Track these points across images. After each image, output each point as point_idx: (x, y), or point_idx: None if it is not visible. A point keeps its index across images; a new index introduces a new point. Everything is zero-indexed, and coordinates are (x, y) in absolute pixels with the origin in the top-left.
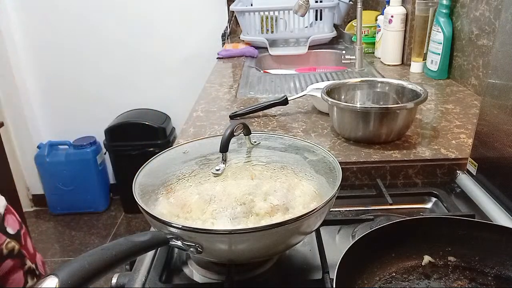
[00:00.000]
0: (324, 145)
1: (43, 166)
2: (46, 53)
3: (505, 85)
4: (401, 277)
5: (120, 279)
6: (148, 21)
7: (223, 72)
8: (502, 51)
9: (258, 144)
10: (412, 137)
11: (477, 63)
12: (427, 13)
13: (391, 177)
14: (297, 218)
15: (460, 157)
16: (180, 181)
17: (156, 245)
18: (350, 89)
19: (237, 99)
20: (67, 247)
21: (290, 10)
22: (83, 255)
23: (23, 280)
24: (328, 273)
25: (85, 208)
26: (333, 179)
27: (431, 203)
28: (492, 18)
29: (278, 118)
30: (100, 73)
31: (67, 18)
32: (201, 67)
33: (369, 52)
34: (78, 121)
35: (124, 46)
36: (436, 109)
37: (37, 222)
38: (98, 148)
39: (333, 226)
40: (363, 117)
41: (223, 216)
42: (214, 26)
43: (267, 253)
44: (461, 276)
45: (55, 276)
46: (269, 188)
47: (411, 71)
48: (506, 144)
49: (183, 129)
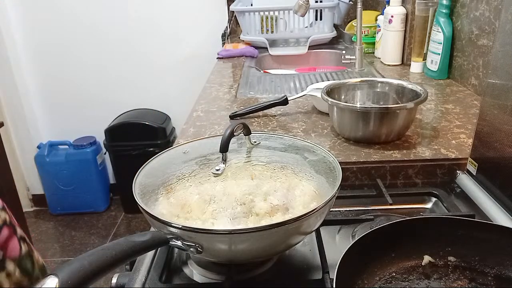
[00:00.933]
0: (324, 145)
1: (43, 166)
2: (46, 53)
3: (505, 85)
4: (401, 277)
5: (120, 279)
6: (148, 21)
7: (223, 72)
8: (502, 51)
9: (258, 144)
10: (412, 137)
11: (477, 63)
12: (427, 13)
13: (391, 177)
14: (297, 218)
15: (460, 157)
16: (180, 181)
17: (156, 245)
18: (350, 89)
19: (237, 99)
20: (67, 247)
21: (290, 10)
22: (83, 255)
23: (18, 246)
24: (328, 273)
25: (85, 208)
26: (333, 179)
27: (431, 203)
28: (492, 18)
29: (278, 118)
30: (100, 73)
31: (67, 18)
32: (201, 67)
33: (369, 52)
34: (78, 121)
35: (124, 46)
36: (436, 109)
37: (37, 222)
38: (98, 148)
39: (333, 226)
40: (363, 117)
41: (223, 216)
42: (214, 26)
43: (267, 253)
44: (461, 276)
45: (55, 276)
46: (269, 188)
47: (411, 71)
48: (506, 144)
49: (183, 129)
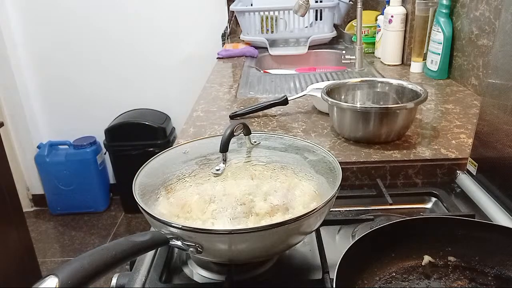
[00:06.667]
0: (324, 145)
1: (43, 166)
2: (46, 53)
3: (505, 85)
4: (401, 277)
5: (120, 279)
6: (148, 21)
7: (223, 72)
8: (502, 51)
9: (258, 144)
10: (412, 137)
11: (477, 63)
12: (427, 13)
13: (391, 177)
14: (297, 218)
15: (460, 157)
16: (180, 181)
17: (156, 245)
18: (350, 89)
19: (237, 99)
20: (67, 247)
21: (290, 10)
22: (83, 255)
23: None
24: (328, 273)
25: (85, 208)
26: (333, 179)
27: (431, 203)
28: (492, 18)
29: (278, 118)
30: (100, 73)
31: (67, 18)
32: (201, 67)
33: (369, 52)
34: (78, 121)
35: (124, 46)
36: (436, 109)
37: (37, 222)
38: (98, 148)
39: (333, 226)
40: (363, 117)
41: (223, 216)
42: (214, 26)
43: (267, 253)
44: (461, 276)
45: (55, 276)
46: (269, 188)
47: (411, 71)
48: (506, 144)
49: (183, 129)
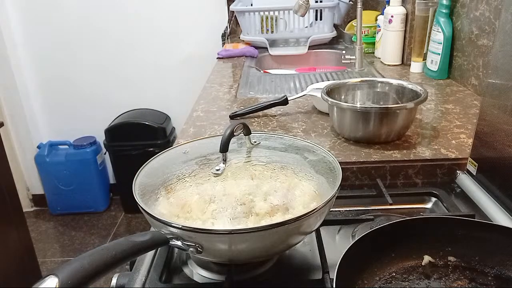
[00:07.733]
0: (324, 145)
1: (43, 166)
2: (46, 53)
3: (505, 85)
4: (401, 277)
5: (120, 279)
6: (148, 21)
7: (223, 72)
8: (502, 51)
9: (258, 144)
10: (412, 137)
11: (477, 63)
12: (427, 13)
13: (391, 177)
14: (297, 218)
15: (460, 157)
16: (180, 181)
17: (156, 245)
18: (350, 89)
19: (237, 99)
20: (67, 247)
21: (290, 10)
22: (83, 255)
23: None
24: (328, 273)
25: (85, 208)
26: (333, 179)
27: (431, 203)
28: (492, 18)
29: (278, 118)
30: (100, 73)
31: (67, 18)
32: (201, 67)
33: (369, 52)
34: (78, 121)
35: (124, 46)
36: (436, 109)
37: (37, 222)
38: (98, 148)
39: (333, 226)
40: (363, 117)
41: (223, 216)
42: (214, 26)
43: (267, 253)
44: (461, 276)
45: (55, 276)
46: (269, 188)
47: (411, 71)
48: (506, 144)
49: (183, 129)
